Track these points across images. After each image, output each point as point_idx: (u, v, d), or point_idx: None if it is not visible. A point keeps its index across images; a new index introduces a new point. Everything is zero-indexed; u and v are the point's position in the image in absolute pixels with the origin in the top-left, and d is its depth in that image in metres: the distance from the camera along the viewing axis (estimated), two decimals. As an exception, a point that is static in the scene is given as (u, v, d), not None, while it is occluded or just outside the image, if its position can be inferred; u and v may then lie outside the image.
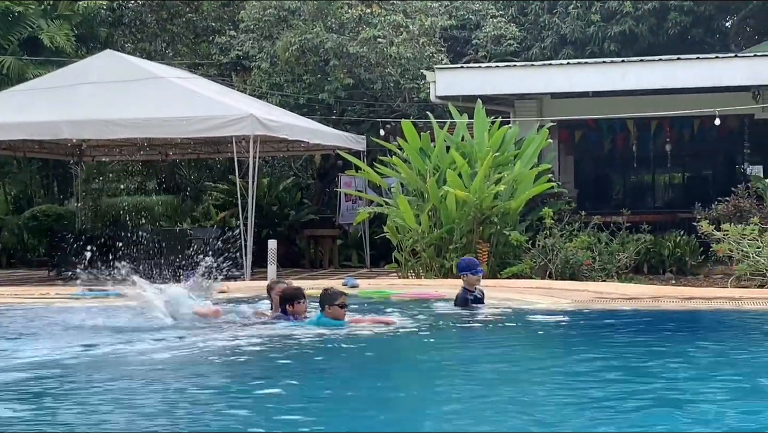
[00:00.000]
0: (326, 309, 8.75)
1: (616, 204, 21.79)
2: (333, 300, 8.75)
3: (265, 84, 21.83)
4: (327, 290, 9.06)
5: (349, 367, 7.37)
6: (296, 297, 9.04)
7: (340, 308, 8.74)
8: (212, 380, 6.72)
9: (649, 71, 17.16)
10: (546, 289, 11.74)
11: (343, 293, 9.09)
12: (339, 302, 8.76)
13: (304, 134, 17.71)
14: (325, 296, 8.84)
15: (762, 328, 9.42)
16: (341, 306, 8.75)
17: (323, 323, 8.71)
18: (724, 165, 25.70)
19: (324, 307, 8.77)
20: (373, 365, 7.55)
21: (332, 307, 8.72)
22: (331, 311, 8.73)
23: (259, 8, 22.22)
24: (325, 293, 8.94)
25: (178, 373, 7.01)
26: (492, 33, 24.18)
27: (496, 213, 15.08)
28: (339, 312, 8.75)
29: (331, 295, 8.84)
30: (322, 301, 8.82)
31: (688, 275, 16.45)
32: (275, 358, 7.67)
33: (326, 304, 8.76)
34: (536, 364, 7.54)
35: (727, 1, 25.98)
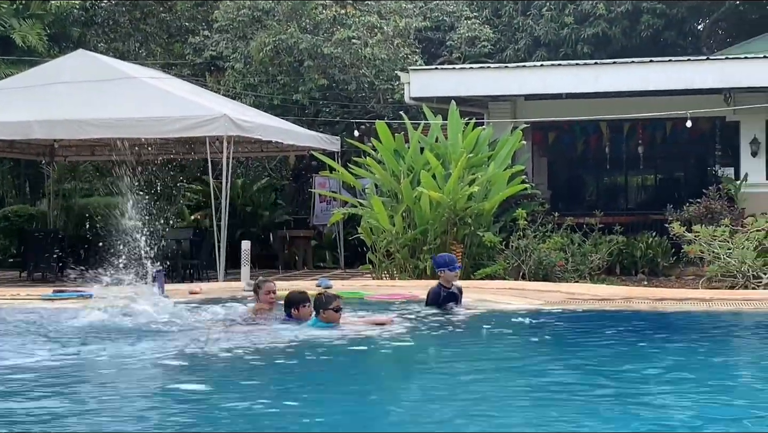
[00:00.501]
0: (321, 313, 8.66)
1: (589, 205, 21.88)
2: (328, 304, 8.68)
3: (239, 84, 21.78)
4: (321, 294, 9.00)
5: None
6: (302, 301, 8.98)
7: (334, 312, 8.66)
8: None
9: (621, 73, 17.27)
10: (519, 290, 11.79)
11: (338, 296, 9.02)
12: (333, 305, 8.68)
13: (278, 135, 17.67)
14: (319, 301, 8.76)
15: (730, 329, 9.49)
16: (336, 310, 8.67)
17: (319, 326, 8.62)
18: (696, 167, 25.89)
19: (319, 311, 8.68)
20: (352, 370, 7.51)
21: (327, 311, 8.64)
22: (326, 315, 8.65)
23: (233, 8, 22.15)
24: (319, 297, 8.87)
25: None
26: (466, 35, 24.23)
27: (470, 214, 15.12)
28: (334, 316, 8.67)
29: (326, 299, 8.77)
30: (317, 305, 8.73)
31: (660, 276, 16.55)
32: (285, 364, 7.57)
33: (321, 308, 8.68)
34: (502, 365, 7.57)
35: (701, 3, 26.15)
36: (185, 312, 9.63)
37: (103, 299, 9.61)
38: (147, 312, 9.36)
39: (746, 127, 17.92)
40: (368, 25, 21.63)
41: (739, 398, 6.22)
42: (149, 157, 21.30)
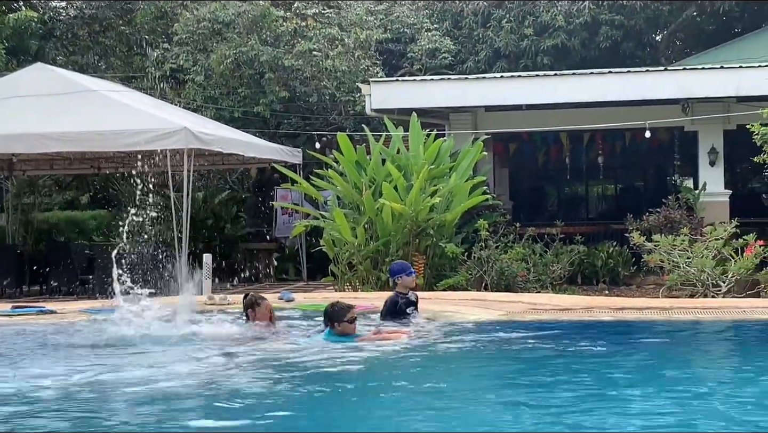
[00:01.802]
0: (335, 326, 8.38)
1: (551, 216, 22.06)
2: (342, 316, 8.39)
3: (199, 97, 21.68)
4: (334, 305, 8.61)
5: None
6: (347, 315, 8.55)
7: (349, 324, 8.39)
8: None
9: (581, 84, 17.40)
10: (481, 300, 11.82)
11: (351, 306, 8.64)
12: (348, 317, 8.39)
13: (240, 147, 17.60)
14: (333, 312, 8.46)
15: (687, 338, 9.57)
16: (350, 321, 8.40)
17: (333, 340, 8.35)
18: (656, 177, 26.20)
19: (333, 324, 8.41)
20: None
21: (341, 323, 8.37)
22: (340, 328, 8.37)
23: (193, 21, 22.06)
24: (332, 309, 8.53)
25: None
26: (427, 46, 24.32)
27: (432, 225, 15.15)
28: (349, 328, 8.39)
29: (339, 311, 8.46)
30: (331, 317, 8.44)
31: (621, 285, 16.68)
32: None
33: (335, 321, 8.39)
34: (459, 376, 7.57)
35: (659, 14, 26.43)
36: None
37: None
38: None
39: (704, 137, 18.12)
40: (329, 37, 21.64)
41: (690, 406, 6.28)
42: (109, 170, 21.16)
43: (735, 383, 7.26)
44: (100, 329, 9.69)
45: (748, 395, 6.61)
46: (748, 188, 28.17)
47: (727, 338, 9.71)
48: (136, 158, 19.55)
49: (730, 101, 17.39)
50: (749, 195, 26.80)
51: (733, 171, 23.49)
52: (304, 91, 21.48)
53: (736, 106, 17.28)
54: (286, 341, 8.87)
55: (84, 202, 25.90)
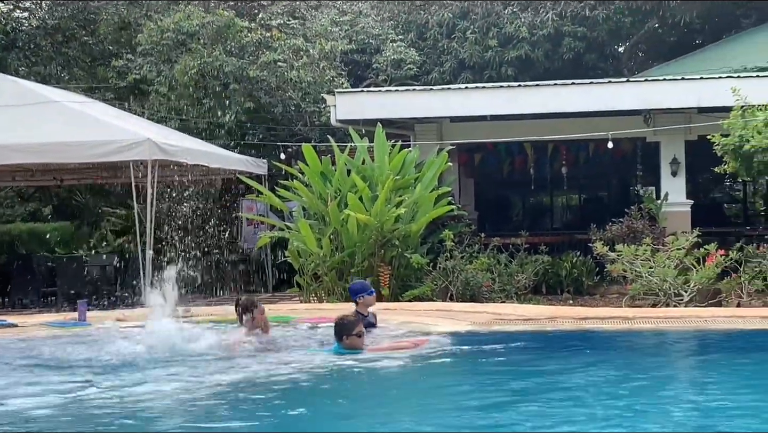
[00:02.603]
0: (344, 340, 8.32)
1: (516, 226, 22.19)
2: (350, 330, 8.33)
3: (163, 108, 21.57)
4: (342, 319, 8.55)
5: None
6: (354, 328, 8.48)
7: (357, 337, 8.33)
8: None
9: (544, 95, 17.52)
10: (446, 311, 11.84)
11: (359, 320, 8.60)
12: (356, 331, 8.33)
13: (204, 158, 17.54)
14: (341, 326, 8.39)
15: (648, 347, 9.64)
16: (359, 335, 8.34)
17: (341, 354, 8.29)
18: (619, 187, 26.44)
19: (342, 337, 8.34)
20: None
21: (350, 337, 8.31)
22: (349, 342, 8.32)
23: (157, 32, 21.96)
24: (341, 322, 8.46)
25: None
26: (392, 57, 24.39)
27: (397, 236, 15.18)
28: (357, 342, 8.33)
29: (348, 324, 8.39)
30: (339, 331, 8.37)
31: (585, 294, 16.78)
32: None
33: (344, 334, 8.33)
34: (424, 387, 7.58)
35: (621, 26, 26.70)
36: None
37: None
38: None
39: (666, 147, 18.30)
40: (294, 48, 21.63)
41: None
42: (72, 182, 21.00)
43: (694, 392, 7.34)
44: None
45: (707, 403, 6.68)
46: (709, 198, 28.53)
47: (688, 347, 9.80)
48: (99, 170, 19.48)
49: (691, 112, 17.59)
50: (711, 205, 27.14)
51: (694, 181, 23.76)
52: (269, 101, 21.44)
53: (697, 117, 17.48)
54: (294, 353, 8.82)
55: (47, 214, 25.69)
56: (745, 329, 10.00)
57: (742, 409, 6.54)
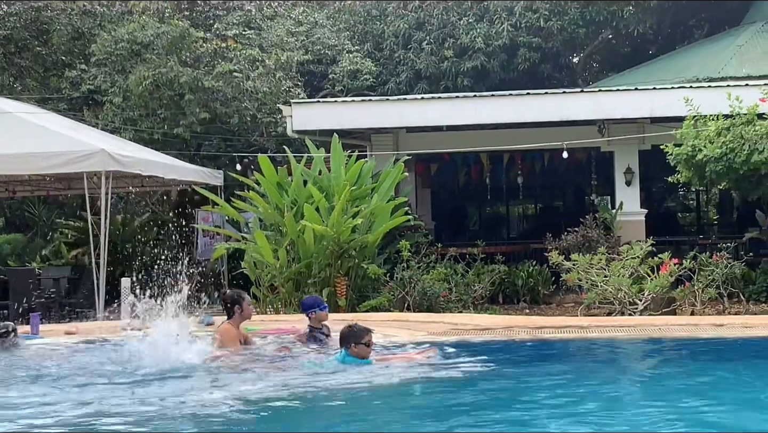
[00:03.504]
0: (352, 348, 8.17)
1: (472, 236, 22.24)
2: (359, 338, 8.18)
3: (118, 119, 21.38)
4: (352, 326, 8.39)
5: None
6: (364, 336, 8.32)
7: (366, 346, 8.20)
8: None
9: (500, 105, 17.61)
10: (403, 321, 11.83)
11: (369, 329, 8.43)
12: (366, 340, 8.20)
13: (159, 169, 17.39)
14: (350, 334, 8.24)
15: (601, 356, 9.70)
16: (368, 344, 8.21)
17: (349, 362, 8.16)
18: (574, 196, 26.62)
19: (350, 345, 8.19)
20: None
21: (358, 346, 8.17)
22: (357, 350, 8.17)
23: (111, 42, 21.78)
24: (350, 330, 8.31)
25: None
26: (348, 68, 24.41)
27: (354, 247, 15.15)
28: (365, 351, 8.20)
29: (358, 333, 8.25)
30: (348, 338, 8.22)
31: (541, 304, 16.88)
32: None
33: (352, 342, 8.18)
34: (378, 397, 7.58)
35: (575, 36, 26.94)
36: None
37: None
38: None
39: (620, 157, 18.47)
40: (250, 58, 21.56)
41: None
42: (25, 194, 20.73)
43: (645, 400, 7.39)
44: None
45: (657, 411, 6.74)
46: (663, 207, 28.83)
47: (641, 355, 9.87)
48: (53, 181, 19.25)
49: (644, 122, 17.78)
50: (665, 214, 27.42)
51: (649, 190, 24.00)
52: (224, 112, 21.34)
53: (650, 127, 17.67)
54: (300, 363, 8.72)
55: (-1, 226, 25.34)
56: (698, 336, 10.10)
57: (689, 413, 6.61)
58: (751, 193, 15.30)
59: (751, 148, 13.79)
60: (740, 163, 13.93)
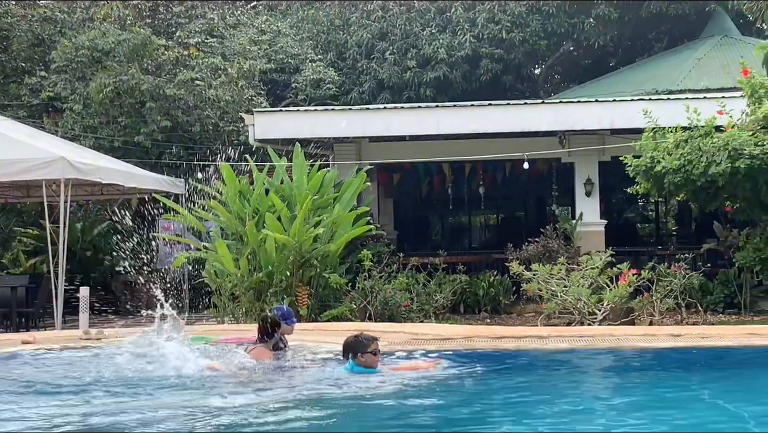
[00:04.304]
0: (359, 357, 8.11)
1: (434, 245, 22.30)
2: (365, 347, 8.13)
3: (78, 126, 21.21)
4: (357, 336, 8.34)
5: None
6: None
7: (373, 355, 8.14)
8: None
9: (462, 116, 17.67)
10: (363, 331, 11.78)
11: (375, 338, 8.38)
12: (372, 348, 8.14)
13: (119, 177, 17.27)
14: (356, 343, 8.19)
15: (556, 366, 9.75)
16: (374, 353, 8.15)
17: (357, 372, 8.10)
18: (535, 206, 26.79)
19: (357, 355, 8.14)
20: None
21: (365, 355, 8.11)
22: (364, 359, 8.11)
23: (72, 49, 21.62)
24: (356, 339, 8.26)
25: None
26: (311, 77, 24.42)
27: (316, 256, 15.12)
28: (373, 359, 8.14)
29: (364, 342, 8.19)
30: (354, 348, 8.17)
31: (502, 313, 16.94)
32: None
33: (359, 352, 8.13)
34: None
35: (537, 48, 27.15)
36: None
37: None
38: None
39: (580, 168, 18.61)
40: (212, 66, 21.50)
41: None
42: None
43: (600, 409, 7.44)
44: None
45: (613, 421, 6.80)
46: (623, 218, 29.08)
47: (600, 365, 9.93)
48: (11, 189, 19.04)
49: (604, 134, 17.93)
50: (624, 225, 27.67)
51: (608, 201, 24.22)
52: (186, 120, 21.25)
53: (610, 139, 17.83)
54: (307, 373, 8.68)
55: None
56: (656, 346, 10.18)
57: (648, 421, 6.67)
58: (708, 204, 15.48)
59: (709, 160, 13.97)
60: (698, 175, 14.11)
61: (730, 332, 11.12)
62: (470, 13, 26.66)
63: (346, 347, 8.33)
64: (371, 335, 8.42)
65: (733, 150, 13.89)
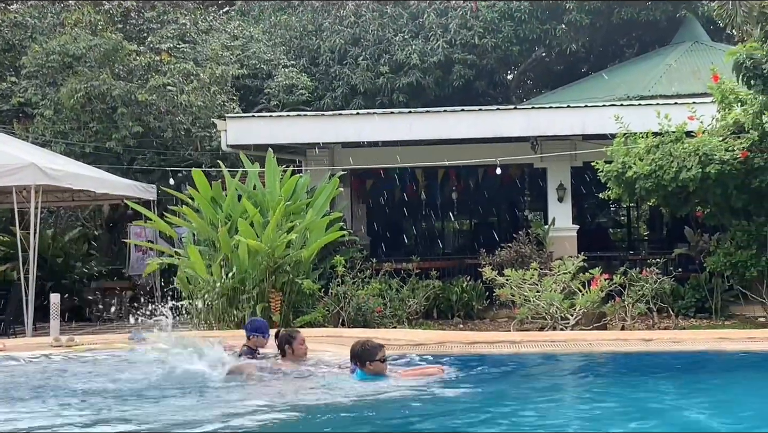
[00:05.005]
0: (367, 365, 8.08)
1: (407, 251, 22.30)
2: (373, 356, 8.09)
3: (49, 132, 21.06)
4: (365, 344, 8.29)
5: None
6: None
7: (381, 363, 8.10)
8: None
9: (434, 122, 17.71)
10: (336, 337, 11.77)
11: (381, 345, 8.34)
12: (380, 356, 8.10)
13: (91, 183, 17.16)
14: (363, 351, 8.15)
15: (533, 370, 9.78)
16: (382, 360, 8.11)
17: (365, 380, 8.06)
18: (508, 212, 26.85)
19: (365, 363, 8.10)
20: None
21: (373, 363, 8.08)
22: (372, 367, 8.07)
23: (42, 54, 21.46)
24: (363, 348, 8.21)
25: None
26: (284, 82, 24.37)
27: (289, 262, 15.08)
28: (381, 367, 8.11)
29: (371, 349, 8.15)
30: (361, 356, 8.13)
31: (476, 319, 16.95)
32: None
33: (367, 360, 8.09)
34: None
35: (510, 54, 27.26)
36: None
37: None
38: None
39: (553, 173, 18.69)
40: (184, 72, 21.41)
41: None
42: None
43: (573, 412, 7.48)
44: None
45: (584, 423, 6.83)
46: (595, 223, 29.22)
47: (572, 370, 9.97)
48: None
49: (576, 139, 18.02)
50: (597, 230, 27.80)
51: (581, 207, 24.32)
52: (158, 126, 21.15)
53: (582, 144, 17.91)
54: (315, 380, 8.65)
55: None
56: (628, 351, 10.24)
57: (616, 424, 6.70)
58: (679, 209, 15.59)
59: (680, 165, 14.08)
60: (669, 180, 14.22)
61: (701, 336, 11.21)
62: (443, 18, 26.74)
63: (354, 355, 8.31)
64: (378, 342, 8.40)
65: (703, 155, 14.01)
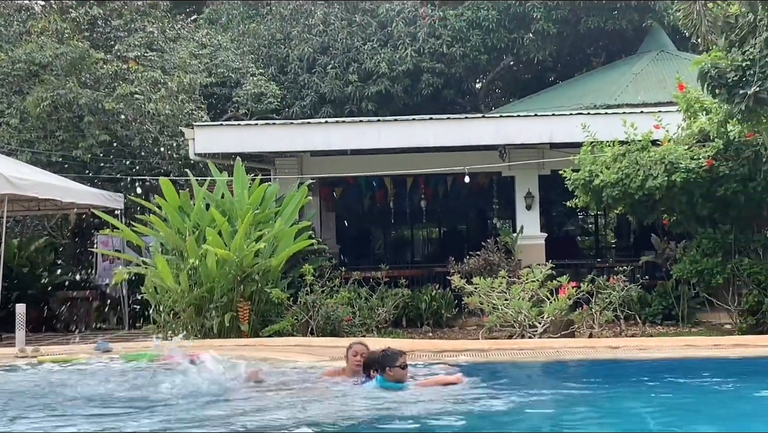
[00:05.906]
0: (387, 372, 8.09)
1: (377, 259, 22.29)
2: (393, 362, 8.11)
3: (14, 141, 20.85)
4: (385, 350, 8.33)
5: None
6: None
7: (401, 369, 8.11)
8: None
9: (403, 130, 17.72)
10: (306, 346, 11.77)
11: (403, 352, 8.34)
12: (400, 362, 8.11)
13: (57, 192, 17.03)
14: (384, 358, 8.17)
15: (502, 378, 9.80)
16: (402, 367, 8.12)
17: (385, 387, 8.05)
18: (477, 220, 26.94)
19: (385, 369, 8.11)
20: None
21: (394, 369, 8.09)
22: (392, 374, 8.08)
23: (8, 62, 21.27)
24: (384, 354, 8.24)
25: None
26: (252, 91, 24.31)
27: (257, 271, 15.03)
28: (401, 374, 8.12)
29: (391, 356, 8.17)
30: (382, 363, 8.14)
31: (444, 327, 16.98)
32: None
33: (387, 366, 8.10)
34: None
35: (478, 62, 27.35)
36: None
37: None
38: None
39: (521, 181, 18.77)
40: (151, 80, 21.29)
41: None
42: None
43: (538, 419, 7.51)
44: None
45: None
46: (563, 231, 29.36)
47: (540, 378, 10.01)
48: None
49: (544, 148, 18.10)
50: (565, 238, 27.94)
51: (549, 215, 24.44)
52: (125, 134, 21.01)
53: (549, 153, 18.01)
54: (336, 389, 8.59)
55: None
56: (596, 358, 10.30)
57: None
58: (646, 217, 15.71)
59: (646, 173, 14.19)
60: (635, 189, 14.33)
61: (667, 343, 11.30)
62: (411, 27, 26.80)
63: (374, 362, 8.34)
64: (398, 349, 8.42)
65: (669, 164, 14.14)
